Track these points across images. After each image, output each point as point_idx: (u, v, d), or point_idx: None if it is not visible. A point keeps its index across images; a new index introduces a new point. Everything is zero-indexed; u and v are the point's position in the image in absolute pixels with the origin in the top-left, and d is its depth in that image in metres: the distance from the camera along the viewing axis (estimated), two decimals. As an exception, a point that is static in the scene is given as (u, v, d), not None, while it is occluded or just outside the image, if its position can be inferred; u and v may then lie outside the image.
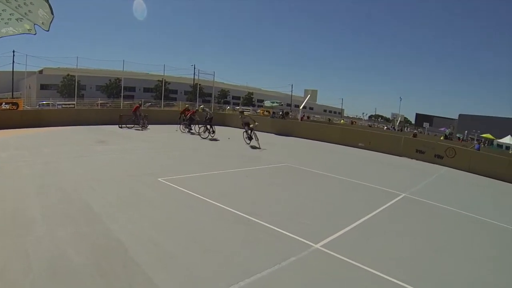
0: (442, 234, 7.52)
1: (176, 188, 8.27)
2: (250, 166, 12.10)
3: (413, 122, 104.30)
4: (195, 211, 6.80)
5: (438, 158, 19.91)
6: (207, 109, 21.01)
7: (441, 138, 47.37)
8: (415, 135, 29.84)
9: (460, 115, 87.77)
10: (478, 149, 26.73)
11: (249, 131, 17.73)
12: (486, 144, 55.09)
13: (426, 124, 69.48)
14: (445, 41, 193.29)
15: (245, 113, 26.08)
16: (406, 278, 4.92)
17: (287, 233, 6.00)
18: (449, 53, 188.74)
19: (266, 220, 6.51)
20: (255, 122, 17.88)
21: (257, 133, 21.28)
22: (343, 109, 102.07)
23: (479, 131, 64.48)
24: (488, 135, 59.91)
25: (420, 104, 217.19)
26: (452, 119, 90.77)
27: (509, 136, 56.88)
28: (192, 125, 21.32)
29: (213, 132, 19.63)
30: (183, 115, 22.14)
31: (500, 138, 58.13)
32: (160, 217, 6.29)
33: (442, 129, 72.49)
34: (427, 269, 5.49)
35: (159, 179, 8.93)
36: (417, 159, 20.31)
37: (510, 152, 43.86)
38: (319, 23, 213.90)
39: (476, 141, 55.28)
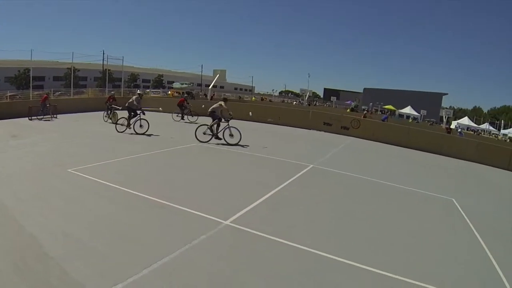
0: (348, 199, 8.22)
1: (86, 177, 7.75)
2: (161, 148, 11.68)
3: (321, 96, 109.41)
4: (107, 199, 6.60)
5: (344, 129, 21.38)
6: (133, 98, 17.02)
7: (348, 110, 50.56)
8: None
9: (364, 88, 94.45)
10: (385, 119, 28.80)
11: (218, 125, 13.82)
12: (389, 115, 59.78)
13: (333, 98, 73.59)
14: (349, 22, 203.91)
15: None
16: (312, 243, 5.32)
17: (197, 212, 6.11)
18: (352, 33, 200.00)
19: (177, 202, 6.54)
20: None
21: (172, 115, 21.08)
22: (254, 86, 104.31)
23: (382, 103, 69.98)
24: (390, 107, 65.28)
25: (328, 79, 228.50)
26: (357, 92, 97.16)
27: (409, 107, 63.09)
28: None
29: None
30: (108, 103, 20.22)
31: (401, 108, 63.99)
32: (72, 208, 6.02)
33: (348, 102, 77.51)
34: (332, 233, 5.96)
35: (69, 170, 8.28)
36: (325, 131, 21.44)
37: (409, 121, 48.28)
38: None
39: (381, 112, 59.69)
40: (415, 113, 61.24)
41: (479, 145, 19.80)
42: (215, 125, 13.67)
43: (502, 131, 60.19)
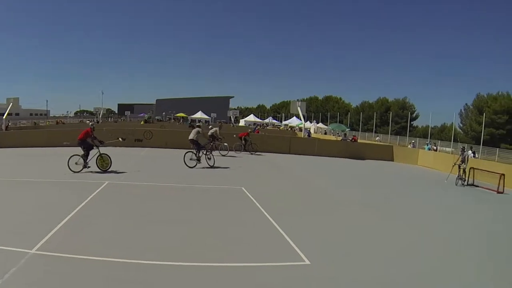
0: (149, 206, 9.09)
1: None
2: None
3: (116, 111, 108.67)
4: None
5: (138, 142, 22.47)
6: None
7: (142, 122, 51.35)
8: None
9: (157, 100, 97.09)
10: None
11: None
12: (181, 121, 63.09)
13: (127, 112, 74.35)
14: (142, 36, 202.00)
15: None
16: (114, 253, 5.84)
17: (1, 247, 5.84)
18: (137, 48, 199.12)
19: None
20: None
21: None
22: (49, 110, 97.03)
23: (174, 111, 73.56)
24: (182, 114, 69.34)
25: (122, 94, 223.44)
26: (150, 104, 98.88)
27: (200, 112, 68.11)
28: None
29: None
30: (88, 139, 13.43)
31: (192, 114, 68.60)
32: None
33: (142, 114, 78.47)
34: (139, 240, 6.63)
35: None
36: (121, 147, 21.64)
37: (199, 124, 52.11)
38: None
39: (175, 119, 62.28)
40: (206, 117, 66.77)
41: (263, 137, 23.95)
42: None
43: (284, 122, 71.63)
